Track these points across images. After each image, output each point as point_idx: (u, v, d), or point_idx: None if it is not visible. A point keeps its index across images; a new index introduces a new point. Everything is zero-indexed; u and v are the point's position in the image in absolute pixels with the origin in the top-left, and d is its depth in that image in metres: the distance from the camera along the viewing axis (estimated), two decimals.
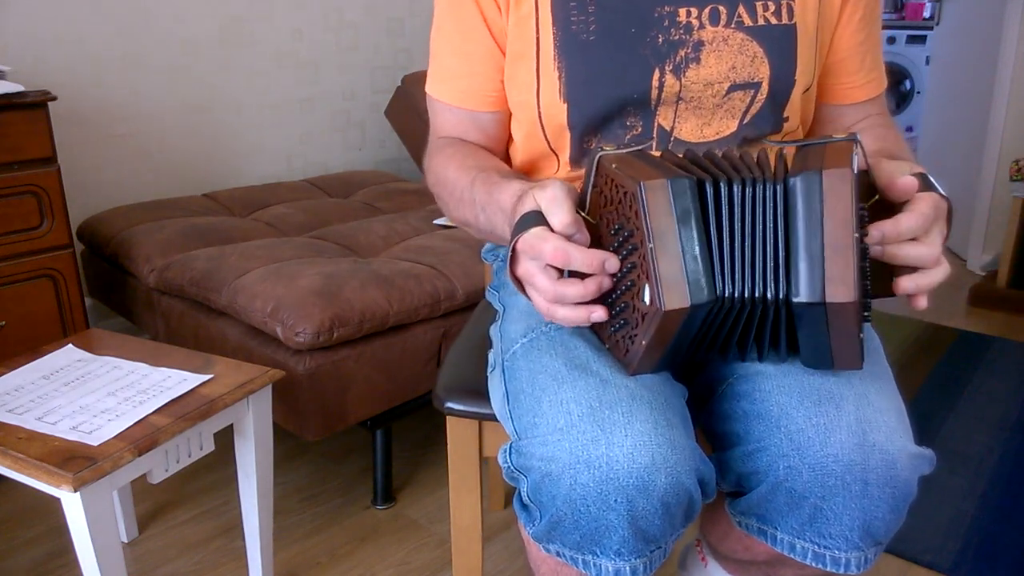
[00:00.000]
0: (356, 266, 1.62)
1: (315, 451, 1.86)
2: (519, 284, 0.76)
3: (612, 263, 0.71)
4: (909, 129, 4.84)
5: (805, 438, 0.75)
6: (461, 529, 1.10)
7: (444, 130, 1.02)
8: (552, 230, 0.72)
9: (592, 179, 0.76)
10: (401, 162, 2.98)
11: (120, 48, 2.20)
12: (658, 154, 0.77)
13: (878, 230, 0.72)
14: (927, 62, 4.38)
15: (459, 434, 1.05)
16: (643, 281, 0.70)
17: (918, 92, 4.75)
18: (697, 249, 0.69)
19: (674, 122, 0.92)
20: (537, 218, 0.73)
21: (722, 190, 0.71)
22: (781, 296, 0.71)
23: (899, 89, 4.92)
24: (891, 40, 4.80)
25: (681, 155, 0.76)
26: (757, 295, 0.72)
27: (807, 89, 0.95)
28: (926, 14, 4.89)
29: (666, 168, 0.71)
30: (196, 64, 2.37)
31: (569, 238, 0.71)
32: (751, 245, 0.71)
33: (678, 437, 0.74)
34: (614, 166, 0.72)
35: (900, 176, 0.74)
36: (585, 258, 0.70)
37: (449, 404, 1.02)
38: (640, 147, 0.75)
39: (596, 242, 0.75)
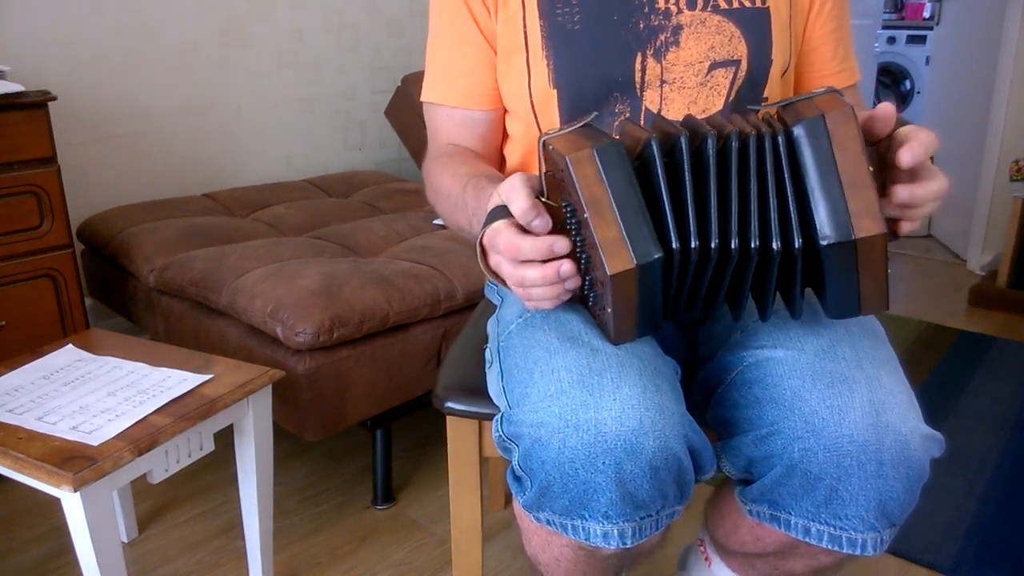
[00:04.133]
0: (356, 266, 1.62)
1: (315, 451, 1.86)
2: (495, 276, 0.79)
3: (560, 245, 0.71)
4: None
5: (819, 420, 0.76)
6: (461, 529, 1.10)
7: (441, 136, 1.07)
8: (517, 223, 0.73)
9: (542, 163, 0.77)
10: (401, 162, 2.98)
11: (120, 48, 2.20)
12: (618, 124, 0.78)
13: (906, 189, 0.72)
14: (927, 62, 4.38)
15: (459, 434, 1.05)
16: (593, 251, 0.71)
17: (918, 92, 4.75)
18: (638, 211, 0.70)
19: (660, 104, 0.96)
20: (502, 211, 0.75)
21: (683, 147, 0.71)
22: (797, 244, 0.71)
23: (899, 89, 4.92)
24: (891, 40, 4.81)
25: (648, 123, 0.76)
26: (753, 246, 0.72)
27: (785, 72, 0.99)
28: (926, 14, 4.89)
29: (596, 138, 0.72)
30: (196, 64, 2.37)
31: (529, 224, 0.72)
32: (740, 198, 0.71)
33: (667, 403, 0.75)
34: (551, 147, 0.73)
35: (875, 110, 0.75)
36: (534, 246, 0.72)
37: (449, 404, 1.02)
38: (583, 121, 0.76)
39: (561, 224, 0.76)
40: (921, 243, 3.48)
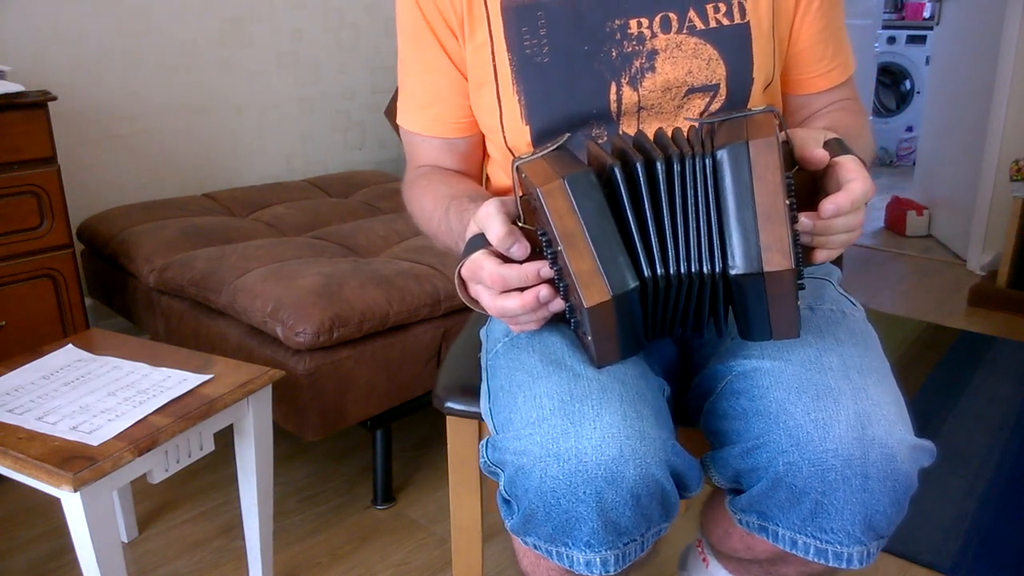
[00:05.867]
0: (356, 266, 1.62)
1: (315, 451, 1.86)
2: (476, 306, 0.79)
3: (546, 270, 0.72)
4: (909, 129, 4.84)
5: (804, 433, 0.75)
6: (461, 529, 1.10)
7: (419, 159, 1.04)
8: (495, 250, 0.74)
9: (517, 188, 0.77)
10: (401, 162, 2.96)
11: (120, 48, 2.20)
12: (593, 144, 0.76)
13: (812, 217, 0.72)
14: (927, 62, 4.38)
15: (459, 434, 1.05)
16: (569, 280, 0.70)
17: (918, 92, 4.75)
18: (613, 239, 0.69)
19: (637, 130, 0.92)
20: (480, 240, 0.75)
21: (639, 173, 0.71)
22: (718, 270, 0.71)
23: (899, 89, 4.92)
24: (891, 40, 4.81)
25: (605, 143, 0.76)
26: (694, 271, 0.72)
27: (769, 84, 0.95)
28: (926, 14, 4.89)
29: (569, 166, 0.71)
30: (196, 64, 2.37)
31: (507, 250, 0.73)
32: (683, 221, 0.72)
33: (648, 429, 0.74)
34: (524, 175, 0.72)
35: (813, 145, 0.75)
36: (520, 275, 0.72)
37: (449, 404, 1.02)
38: (556, 144, 0.75)
39: (540, 248, 0.75)
40: (921, 243, 3.47)
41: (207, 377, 1.23)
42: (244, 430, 1.27)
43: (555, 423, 0.74)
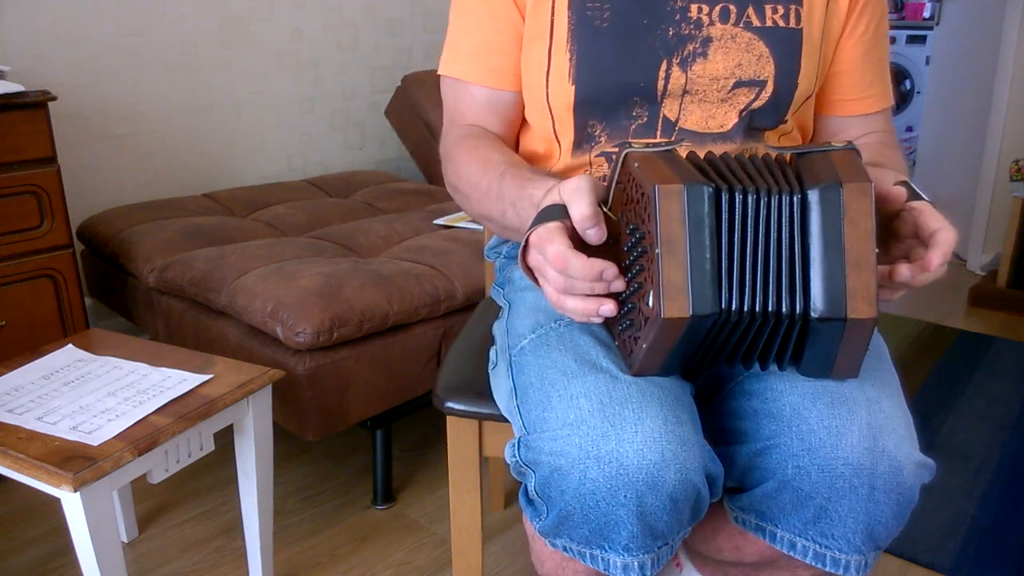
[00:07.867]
0: (356, 266, 1.62)
1: (315, 451, 1.86)
2: (531, 273, 0.77)
3: (610, 272, 0.71)
4: (909, 129, 4.84)
5: (817, 439, 0.76)
6: (461, 529, 1.10)
7: (465, 115, 1.01)
8: (571, 226, 0.72)
9: (617, 175, 0.76)
10: (401, 162, 2.98)
11: (120, 47, 2.20)
12: (684, 152, 0.75)
13: (910, 271, 0.72)
14: (927, 62, 4.38)
15: (459, 434, 1.05)
16: (649, 285, 0.69)
17: (918, 92, 4.75)
18: (707, 260, 0.68)
19: (679, 114, 0.93)
20: (559, 211, 0.73)
21: (737, 199, 0.70)
22: (798, 311, 0.70)
23: (899, 89, 4.92)
24: (891, 40, 4.79)
25: (703, 157, 0.74)
26: (770, 309, 0.70)
27: (808, 96, 0.96)
28: (926, 14, 4.89)
29: (687, 172, 0.70)
30: (196, 64, 2.37)
31: (584, 231, 0.72)
32: (763, 257, 0.70)
33: (688, 434, 0.74)
34: (636, 165, 0.71)
35: (887, 185, 0.75)
36: (583, 267, 0.70)
37: (449, 404, 1.02)
38: (669, 146, 0.74)
39: (614, 239, 0.74)
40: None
41: (207, 377, 1.23)
42: (244, 430, 1.27)
43: (594, 424, 0.73)
